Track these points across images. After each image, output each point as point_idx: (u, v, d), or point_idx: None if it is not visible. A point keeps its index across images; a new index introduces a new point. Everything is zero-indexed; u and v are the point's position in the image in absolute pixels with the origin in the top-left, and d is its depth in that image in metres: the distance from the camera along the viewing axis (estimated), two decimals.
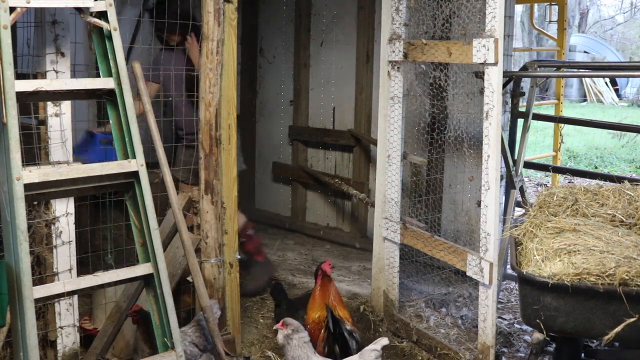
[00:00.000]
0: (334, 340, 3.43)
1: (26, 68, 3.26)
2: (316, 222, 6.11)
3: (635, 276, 2.80)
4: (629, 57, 23.15)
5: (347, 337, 3.42)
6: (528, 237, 3.26)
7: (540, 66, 4.47)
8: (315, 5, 5.98)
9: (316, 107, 6.05)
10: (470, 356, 3.63)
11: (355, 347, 3.39)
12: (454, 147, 4.43)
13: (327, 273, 3.68)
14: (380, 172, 4.16)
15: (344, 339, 3.41)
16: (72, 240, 3.28)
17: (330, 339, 3.44)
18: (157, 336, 2.79)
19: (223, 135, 3.49)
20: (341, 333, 3.42)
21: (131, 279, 2.81)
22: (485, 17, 3.32)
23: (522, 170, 4.48)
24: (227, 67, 3.47)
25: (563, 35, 7.48)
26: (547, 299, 2.92)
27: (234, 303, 3.63)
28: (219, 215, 3.49)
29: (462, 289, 4.45)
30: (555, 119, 6.02)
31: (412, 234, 3.93)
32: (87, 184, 2.71)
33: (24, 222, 2.42)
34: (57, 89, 2.68)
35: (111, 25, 2.74)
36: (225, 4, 3.40)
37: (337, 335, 3.43)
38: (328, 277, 3.70)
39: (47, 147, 3.18)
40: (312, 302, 3.67)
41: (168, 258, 3.34)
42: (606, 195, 3.52)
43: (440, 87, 4.33)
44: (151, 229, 2.72)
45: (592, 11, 25.39)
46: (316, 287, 3.72)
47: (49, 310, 3.27)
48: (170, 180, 3.20)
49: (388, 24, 3.97)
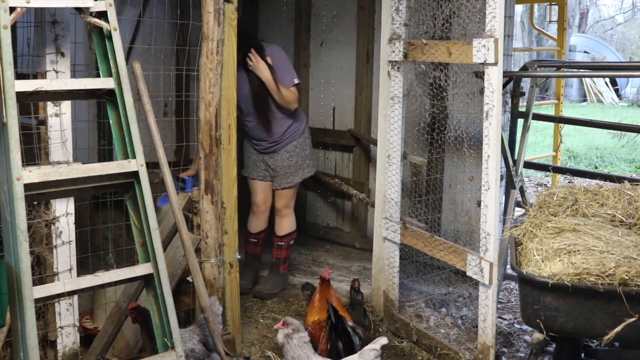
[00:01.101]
0: (337, 336, 3.42)
1: (26, 68, 3.26)
2: (316, 222, 6.11)
3: (635, 276, 2.80)
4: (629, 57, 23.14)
5: (351, 332, 3.41)
6: (528, 237, 3.26)
7: (540, 66, 4.47)
8: (315, 5, 5.98)
9: (316, 107, 6.05)
10: (470, 356, 3.63)
11: (359, 344, 3.38)
12: (454, 147, 4.43)
13: (325, 278, 3.70)
14: (380, 172, 4.17)
15: (347, 335, 3.40)
16: (72, 240, 3.28)
17: (333, 334, 3.43)
18: (157, 336, 2.79)
19: (223, 135, 3.49)
20: (344, 328, 3.41)
21: (131, 279, 2.81)
22: (485, 17, 3.32)
23: (522, 170, 4.48)
24: (227, 67, 3.47)
25: (563, 35, 7.48)
26: (547, 299, 2.92)
27: (234, 303, 3.63)
28: (219, 215, 3.50)
29: (462, 289, 4.45)
30: (555, 119, 6.02)
31: (412, 234, 3.93)
32: (87, 184, 2.71)
33: (24, 222, 2.42)
34: (57, 89, 2.68)
35: (111, 25, 2.74)
36: (225, 4, 3.40)
37: (340, 331, 3.42)
38: (327, 282, 3.71)
39: (47, 147, 3.18)
40: (312, 307, 3.68)
41: (168, 258, 3.34)
42: (606, 195, 3.52)
43: (440, 87, 4.34)
44: (151, 229, 2.72)
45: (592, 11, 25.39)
46: (315, 293, 3.73)
47: (49, 310, 3.27)
48: (170, 180, 3.20)
49: (388, 24, 3.97)
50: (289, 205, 4.70)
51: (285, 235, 4.71)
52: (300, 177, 4.67)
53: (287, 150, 4.59)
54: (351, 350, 3.34)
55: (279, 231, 4.72)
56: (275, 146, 4.57)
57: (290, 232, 4.74)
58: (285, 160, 4.60)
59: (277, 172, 4.62)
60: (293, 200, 4.72)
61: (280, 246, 4.72)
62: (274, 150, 4.58)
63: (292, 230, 4.74)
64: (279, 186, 4.64)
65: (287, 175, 4.62)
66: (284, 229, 4.71)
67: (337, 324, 3.42)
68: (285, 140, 4.57)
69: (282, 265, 4.74)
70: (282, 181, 4.63)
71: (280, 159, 4.59)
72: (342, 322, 3.43)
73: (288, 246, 4.75)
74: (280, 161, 4.59)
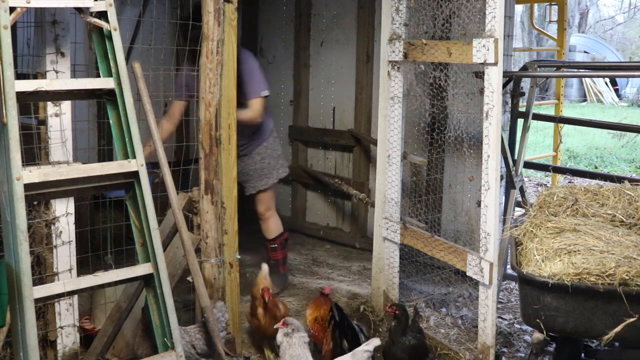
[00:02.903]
0: (341, 333, 3.39)
1: (26, 68, 3.26)
2: (316, 222, 6.11)
3: (635, 276, 2.80)
4: (629, 57, 23.12)
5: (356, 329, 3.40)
6: (528, 237, 3.26)
7: (540, 66, 4.47)
8: (315, 5, 5.98)
9: (316, 107, 6.05)
10: (470, 356, 3.63)
11: (364, 340, 3.36)
12: (454, 147, 4.44)
13: (326, 293, 3.69)
14: (380, 172, 4.16)
15: (353, 331, 3.38)
16: (72, 240, 3.28)
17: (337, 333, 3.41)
18: (157, 336, 2.80)
19: (223, 135, 3.49)
20: (350, 325, 3.39)
21: (131, 279, 2.81)
22: (485, 17, 3.32)
23: (522, 170, 4.48)
24: (227, 67, 3.47)
25: (563, 35, 7.49)
26: (547, 299, 2.92)
27: (234, 303, 3.63)
28: (219, 215, 3.50)
29: (462, 289, 4.45)
30: (555, 119, 6.02)
31: (412, 234, 3.93)
32: (87, 184, 2.71)
33: (24, 222, 2.42)
34: (57, 89, 2.68)
35: (111, 25, 2.74)
36: (225, 4, 3.40)
37: (345, 328, 3.39)
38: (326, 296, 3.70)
39: (47, 147, 3.18)
40: (308, 309, 3.68)
41: (168, 258, 3.34)
42: (606, 195, 3.52)
43: (440, 87, 4.34)
44: (151, 229, 2.72)
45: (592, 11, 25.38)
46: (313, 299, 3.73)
47: (49, 310, 3.27)
48: (170, 180, 3.20)
49: (388, 24, 3.97)
50: (271, 207, 4.60)
51: (276, 238, 4.65)
52: (275, 177, 4.56)
53: (258, 153, 4.47)
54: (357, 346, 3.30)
55: (269, 235, 4.65)
56: (245, 150, 4.43)
57: (280, 234, 4.67)
58: (257, 163, 4.48)
59: (250, 175, 4.49)
60: (273, 201, 4.63)
61: (274, 249, 4.67)
62: (244, 154, 4.43)
63: (280, 231, 4.67)
64: (254, 190, 4.52)
65: (260, 178, 4.50)
66: (272, 232, 4.64)
67: (342, 321, 3.40)
68: (255, 143, 4.45)
69: (281, 266, 4.71)
70: (257, 184, 4.51)
71: (252, 162, 4.47)
72: (347, 320, 3.41)
73: (282, 247, 4.69)
74: (252, 164, 4.47)
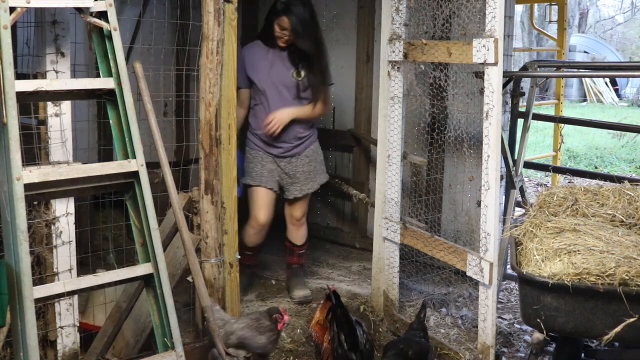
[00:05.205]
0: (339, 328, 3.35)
1: (26, 68, 3.26)
2: (316, 222, 6.11)
3: (635, 276, 2.80)
4: (629, 57, 23.13)
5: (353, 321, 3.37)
6: (528, 237, 3.26)
7: (540, 66, 4.47)
8: (315, 5, 5.97)
9: None
10: (470, 356, 3.63)
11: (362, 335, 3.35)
12: (454, 147, 4.44)
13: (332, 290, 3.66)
14: (380, 172, 4.17)
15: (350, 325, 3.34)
16: (72, 240, 3.28)
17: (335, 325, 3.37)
18: (157, 336, 2.80)
19: (223, 135, 3.49)
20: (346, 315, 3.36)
21: (131, 279, 2.81)
22: (485, 17, 3.32)
23: (522, 170, 4.48)
24: (227, 67, 3.47)
25: (563, 35, 7.49)
26: (547, 299, 2.92)
27: (234, 303, 3.63)
28: (219, 215, 3.50)
29: (462, 289, 4.45)
30: (555, 119, 6.02)
31: (412, 234, 3.93)
32: (87, 184, 2.71)
33: (24, 222, 2.42)
34: (57, 89, 2.68)
35: (111, 25, 2.74)
36: (225, 4, 3.40)
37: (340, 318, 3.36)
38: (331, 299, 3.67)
39: (47, 147, 3.18)
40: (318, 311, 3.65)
41: (168, 258, 3.34)
42: (606, 195, 3.52)
43: (440, 87, 4.34)
44: (151, 229, 2.72)
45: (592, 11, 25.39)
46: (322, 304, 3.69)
47: (49, 310, 3.27)
48: (171, 180, 3.20)
49: (388, 24, 3.97)
50: (306, 212, 4.50)
51: (305, 243, 4.58)
52: (318, 183, 4.43)
53: (307, 155, 4.32)
54: (355, 342, 3.29)
55: (299, 240, 4.52)
56: (296, 149, 4.28)
57: (307, 239, 4.61)
58: (306, 165, 4.31)
59: (297, 178, 4.31)
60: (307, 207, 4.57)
61: (301, 254, 4.58)
62: (293, 155, 4.28)
63: (307, 237, 4.60)
64: (300, 193, 4.34)
65: (307, 181, 4.34)
66: (303, 238, 4.54)
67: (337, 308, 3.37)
68: (306, 144, 4.32)
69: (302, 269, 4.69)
70: (303, 187, 4.33)
71: (301, 164, 4.31)
72: (343, 309, 3.39)
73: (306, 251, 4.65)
74: (301, 166, 4.31)
